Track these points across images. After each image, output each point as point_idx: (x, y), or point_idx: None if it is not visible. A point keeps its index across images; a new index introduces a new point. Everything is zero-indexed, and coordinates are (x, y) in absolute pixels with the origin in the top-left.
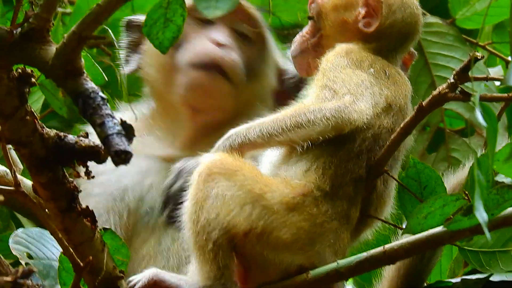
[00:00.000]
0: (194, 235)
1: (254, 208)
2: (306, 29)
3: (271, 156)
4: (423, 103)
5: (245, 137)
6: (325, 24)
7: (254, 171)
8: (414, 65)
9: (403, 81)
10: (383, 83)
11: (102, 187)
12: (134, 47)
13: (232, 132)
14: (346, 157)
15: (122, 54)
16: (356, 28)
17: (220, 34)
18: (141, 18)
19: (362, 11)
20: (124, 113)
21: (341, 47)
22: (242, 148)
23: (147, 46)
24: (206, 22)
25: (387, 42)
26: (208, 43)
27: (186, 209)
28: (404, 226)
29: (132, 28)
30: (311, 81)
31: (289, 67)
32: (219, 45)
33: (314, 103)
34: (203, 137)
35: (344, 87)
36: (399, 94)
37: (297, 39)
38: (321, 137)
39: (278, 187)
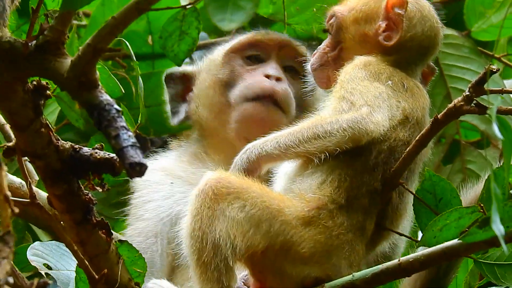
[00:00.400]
0: (197, 253)
1: (272, 225)
2: (325, 43)
3: (286, 168)
4: (439, 116)
5: (262, 149)
6: (345, 37)
7: (263, 188)
8: None
9: (421, 94)
10: (400, 96)
11: (153, 213)
12: (178, 98)
13: (249, 146)
14: (361, 169)
15: (167, 107)
16: (377, 41)
17: (271, 69)
18: (180, 69)
19: (383, 24)
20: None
21: (359, 60)
22: (260, 160)
23: (197, 91)
24: (257, 60)
25: (407, 55)
26: (260, 76)
27: (187, 225)
28: (419, 239)
29: (174, 80)
30: (329, 92)
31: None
32: (270, 78)
33: (331, 114)
34: None
35: (361, 98)
36: (416, 106)
37: (317, 52)
38: (338, 148)
39: (292, 202)
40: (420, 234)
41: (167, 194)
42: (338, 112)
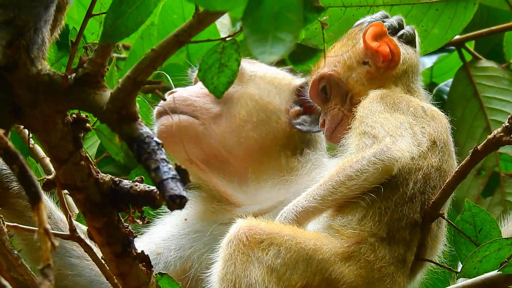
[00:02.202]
0: None
1: (309, 265)
2: (331, 103)
3: None
4: (478, 147)
5: (298, 207)
6: (351, 84)
7: (296, 230)
8: (469, 109)
9: (439, 115)
10: (423, 121)
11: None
12: None
13: (283, 210)
14: (400, 201)
15: None
16: (382, 73)
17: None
18: None
19: (378, 58)
20: None
21: (375, 93)
22: (299, 219)
23: None
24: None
25: (408, 79)
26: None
27: (219, 270)
28: (459, 270)
29: None
30: (348, 130)
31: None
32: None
33: (355, 154)
34: None
35: (383, 130)
36: (440, 128)
37: (325, 116)
38: (373, 184)
39: (329, 239)
40: (460, 265)
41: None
42: (362, 148)
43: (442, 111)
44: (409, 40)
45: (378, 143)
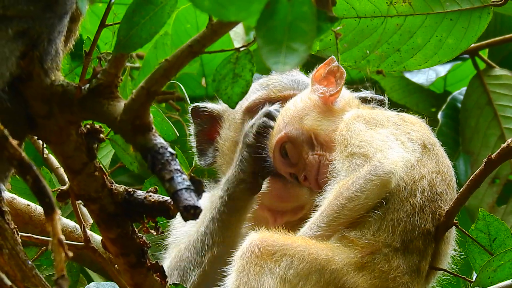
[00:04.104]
0: None
1: (322, 275)
2: (301, 156)
3: None
4: (492, 156)
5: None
6: (306, 128)
7: (308, 241)
8: (483, 117)
9: (416, 119)
10: (406, 128)
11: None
12: (205, 136)
13: None
14: (411, 211)
15: (193, 143)
16: (333, 102)
17: None
18: (208, 106)
19: (323, 88)
20: None
21: (349, 116)
22: None
23: (221, 140)
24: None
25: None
26: None
27: (232, 282)
28: (473, 279)
29: (200, 116)
30: (334, 156)
31: None
32: None
33: (350, 176)
34: None
35: (371, 147)
36: (424, 131)
37: (305, 166)
38: (375, 200)
39: (342, 250)
40: (474, 274)
41: None
42: (354, 170)
43: (456, 120)
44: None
45: (369, 160)
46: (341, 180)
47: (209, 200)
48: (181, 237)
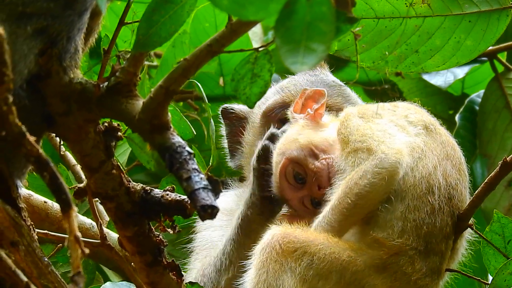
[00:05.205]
0: None
1: (342, 276)
2: (308, 169)
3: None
4: (508, 158)
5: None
6: (305, 143)
7: (331, 239)
8: (500, 121)
9: (407, 104)
10: (402, 112)
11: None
12: (234, 137)
13: None
14: (431, 210)
15: (225, 143)
16: (321, 117)
17: None
18: (236, 107)
19: (304, 110)
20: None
21: (343, 115)
22: None
23: (244, 140)
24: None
25: None
26: None
27: (251, 278)
28: (489, 282)
29: (229, 117)
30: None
31: None
32: None
33: (356, 170)
34: None
35: (373, 140)
36: (420, 112)
37: (317, 176)
38: (386, 193)
39: (365, 250)
40: (489, 276)
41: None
42: (359, 165)
43: (473, 122)
44: None
45: (374, 153)
46: (348, 175)
47: (235, 203)
48: (204, 243)
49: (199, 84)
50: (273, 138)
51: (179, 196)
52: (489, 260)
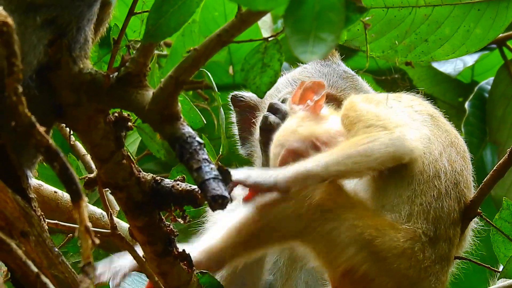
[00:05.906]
0: None
1: (359, 251)
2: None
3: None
4: None
5: (301, 168)
6: (307, 136)
7: (363, 211)
8: (509, 107)
9: (408, 94)
10: (406, 103)
11: None
12: (245, 125)
13: (287, 168)
14: (437, 195)
15: (235, 131)
16: (321, 108)
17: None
18: (246, 95)
19: (303, 105)
20: None
21: (347, 102)
22: (296, 179)
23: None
24: None
25: None
26: None
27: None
28: (500, 269)
29: (239, 105)
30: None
31: None
32: None
33: (370, 133)
34: None
35: (389, 122)
36: (423, 102)
37: None
38: (380, 166)
39: (388, 232)
40: (500, 264)
41: None
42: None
43: (483, 110)
44: None
45: (391, 130)
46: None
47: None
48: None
49: (209, 74)
50: (273, 110)
51: (190, 186)
52: (499, 248)
